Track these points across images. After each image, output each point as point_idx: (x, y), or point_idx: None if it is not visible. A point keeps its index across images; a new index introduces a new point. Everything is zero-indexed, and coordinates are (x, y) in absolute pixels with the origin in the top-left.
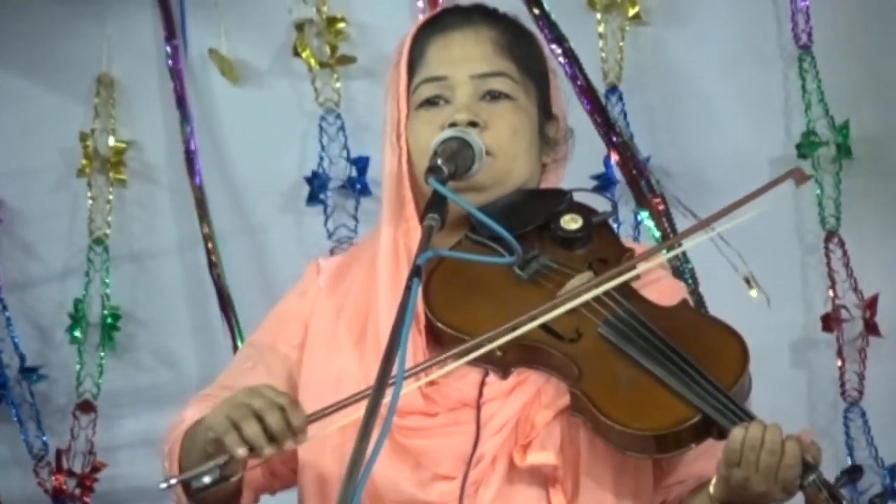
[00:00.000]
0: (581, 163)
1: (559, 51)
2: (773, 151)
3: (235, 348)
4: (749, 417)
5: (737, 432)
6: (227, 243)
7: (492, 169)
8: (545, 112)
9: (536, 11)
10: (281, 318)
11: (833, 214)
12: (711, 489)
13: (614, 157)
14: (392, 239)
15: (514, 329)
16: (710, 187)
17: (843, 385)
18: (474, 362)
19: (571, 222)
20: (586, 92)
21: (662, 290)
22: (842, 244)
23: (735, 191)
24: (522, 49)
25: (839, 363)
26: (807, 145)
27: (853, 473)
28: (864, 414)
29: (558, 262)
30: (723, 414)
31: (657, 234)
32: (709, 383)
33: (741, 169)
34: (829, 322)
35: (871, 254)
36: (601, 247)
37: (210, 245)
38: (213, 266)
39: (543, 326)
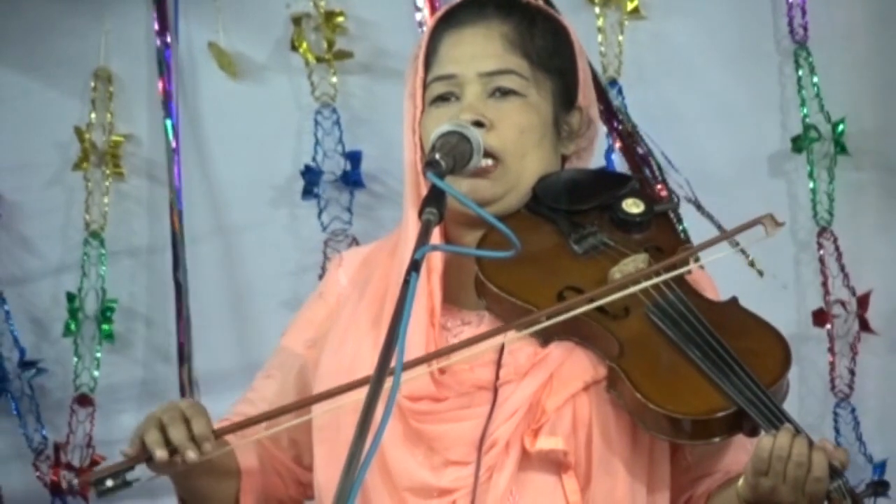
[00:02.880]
0: None
1: None
2: (770, 147)
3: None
4: (784, 418)
5: (764, 441)
6: (223, 237)
7: (503, 176)
8: (565, 103)
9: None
10: (299, 319)
11: (827, 210)
12: (739, 489)
13: (618, 145)
14: (413, 229)
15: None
16: (708, 181)
17: (833, 380)
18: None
19: (633, 206)
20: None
21: (700, 281)
22: (835, 240)
23: (732, 186)
24: (537, 42)
25: (830, 358)
26: (802, 140)
27: (879, 487)
28: (853, 410)
29: (615, 240)
30: (758, 410)
31: None
32: (749, 378)
33: (738, 163)
34: (821, 317)
35: (864, 250)
36: (659, 235)
37: (177, 245)
38: (177, 266)
39: (591, 301)
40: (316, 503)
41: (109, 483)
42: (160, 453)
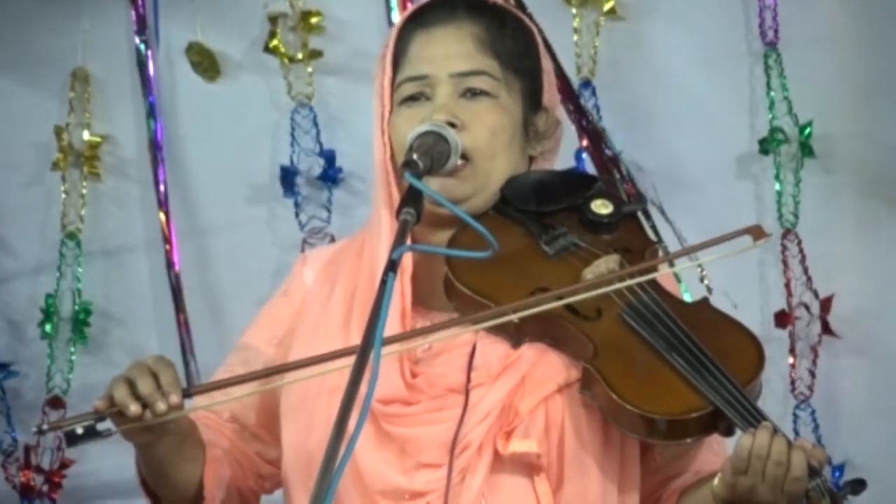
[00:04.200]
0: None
1: None
2: (738, 148)
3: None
4: (761, 416)
5: (744, 440)
6: (200, 237)
7: (471, 176)
8: (533, 104)
9: (512, 0)
10: (262, 318)
11: (792, 212)
12: (714, 489)
13: (584, 143)
14: (385, 232)
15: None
16: (680, 181)
17: (793, 382)
18: (489, 328)
19: (602, 207)
20: (559, 79)
21: (666, 282)
22: (799, 242)
23: (699, 188)
24: (507, 43)
25: (791, 360)
26: (769, 142)
27: (856, 486)
28: (813, 412)
29: (585, 241)
30: (735, 409)
31: None
32: (724, 378)
33: (707, 164)
34: (783, 319)
35: (829, 253)
36: (627, 236)
37: (169, 243)
38: (171, 265)
39: (564, 298)
40: (283, 487)
41: (79, 430)
42: (133, 408)
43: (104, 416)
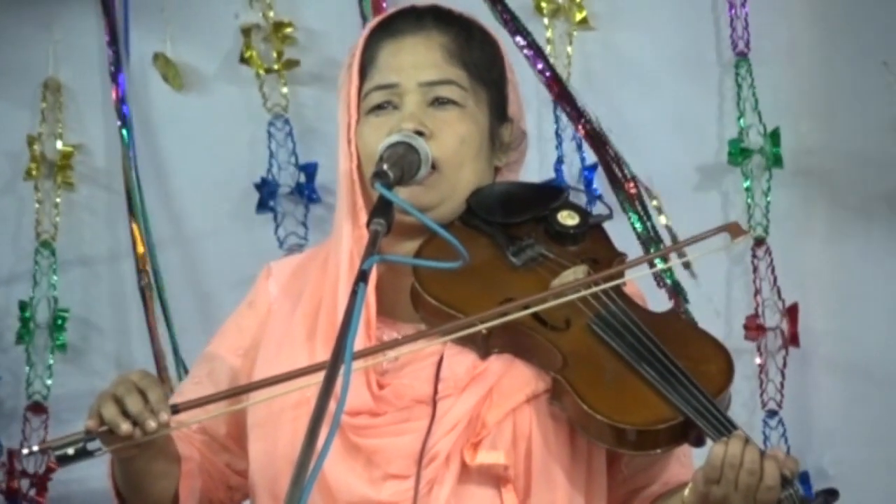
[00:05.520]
0: (532, 170)
1: (523, 43)
2: (704, 158)
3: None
4: (732, 426)
5: (717, 449)
6: (174, 250)
7: (438, 185)
8: (499, 115)
9: (498, 7)
10: (228, 328)
11: (761, 223)
12: (685, 499)
13: (587, 142)
14: (347, 243)
15: (502, 314)
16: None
17: (762, 393)
18: (457, 339)
19: (569, 218)
20: (553, 81)
21: (634, 293)
22: (769, 252)
23: (668, 197)
24: (475, 54)
25: (760, 372)
26: (737, 152)
27: (829, 496)
28: (781, 421)
29: (552, 252)
30: (705, 419)
31: (636, 223)
32: (695, 387)
33: (678, 174)
34: (752, 330)
35: (800, 263)
36: (594, 247)
37: (142, 252)
38: (142, 273)
39: (535, 307)
40: (250, 498)
41: (70, 451)
42: (125, 427)
43: (94, 435)
